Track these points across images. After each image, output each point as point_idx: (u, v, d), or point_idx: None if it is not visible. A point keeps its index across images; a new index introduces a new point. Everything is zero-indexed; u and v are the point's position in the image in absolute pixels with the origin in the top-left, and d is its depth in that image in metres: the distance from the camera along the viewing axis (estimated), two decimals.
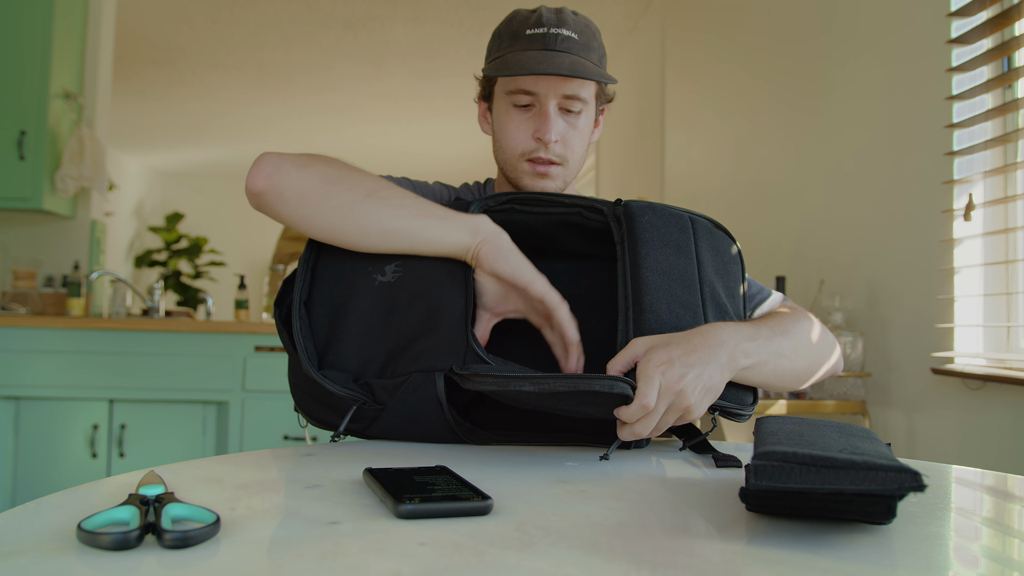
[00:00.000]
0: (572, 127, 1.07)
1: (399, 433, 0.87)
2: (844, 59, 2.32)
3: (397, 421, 0.85)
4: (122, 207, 8.02)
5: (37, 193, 3.20)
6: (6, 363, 2.96)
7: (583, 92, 1.06)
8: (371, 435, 0.88)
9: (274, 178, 0.87)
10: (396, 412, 0.84)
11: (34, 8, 3.22)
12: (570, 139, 1.07)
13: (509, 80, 1.06)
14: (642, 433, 0.77)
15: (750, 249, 2.99)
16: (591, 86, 1.09)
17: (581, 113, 1.08)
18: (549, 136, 1.04)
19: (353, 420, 0.85)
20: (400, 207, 0.85)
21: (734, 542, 0.54)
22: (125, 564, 0.46)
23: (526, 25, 1.05)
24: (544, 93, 1.04)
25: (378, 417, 0.85)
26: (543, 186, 1.07)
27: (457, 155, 7.86)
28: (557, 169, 1.07)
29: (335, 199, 0.85)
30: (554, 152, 1.06)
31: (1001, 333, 1.81)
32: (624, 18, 4.44)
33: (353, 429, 0.87)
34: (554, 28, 1.04)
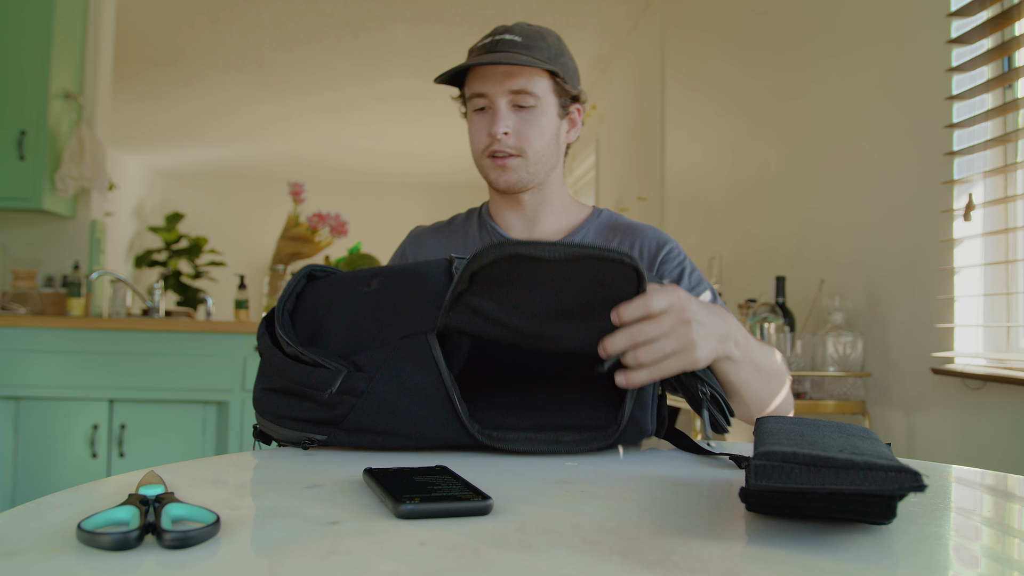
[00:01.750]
0: (525, 121, 1.16)
1: (389, 415, 0.79)
2: (844, 59, 2.32)
3: (388, 393, 0.78)
4: (122, 207, 8.02)
5: (37, 193, 3.20)
6: (6, 363, 2.96)
7: (531, 87, 1.15)
8: (357, 421, 0.79)
9: None
10: (387, 383, 0.78)
11: (34, 8, 3.22)
12: (524, 132, 1.16)
13: (468, 87, 1.18)
14: (641, 357, 0.76)
15: (750, 249, 2.99)
16: (541, 82, 1.16)
17: (535, 108, 1.16)
18: (496, 129, 1.14)
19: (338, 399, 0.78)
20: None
21: (734, 542, 0.54)
22: (125, 564, 0.46)
23: (479, 42, 1.19)
24: (492, 92, 1.15)
25: (367, 391, 0.78)
26: (505, 179, 1.17)
27: (457, 155, 7.86)
28: (515, 161, 1.17)
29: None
30: (507, 144, 1.16)
31: (1001, 333, 1.81)
32: (624, 18, 4.44)
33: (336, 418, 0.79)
34: (499, 35, 1.16)
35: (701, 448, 0.85)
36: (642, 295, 0.77)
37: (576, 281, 0.75)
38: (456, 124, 6.74)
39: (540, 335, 0.80)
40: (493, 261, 0.73)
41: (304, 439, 0.81)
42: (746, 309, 2.58)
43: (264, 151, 8.06)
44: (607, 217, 1.26)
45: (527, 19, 4.40)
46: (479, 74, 1.16)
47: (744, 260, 3.05)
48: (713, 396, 0.85)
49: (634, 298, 0.77)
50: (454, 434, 0.79)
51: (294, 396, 0.82)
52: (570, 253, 0.72)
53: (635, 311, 0.76)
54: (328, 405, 0.79)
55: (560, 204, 1.24)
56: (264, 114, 6.60)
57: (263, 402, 0.84)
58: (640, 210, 4.36)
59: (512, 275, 0.75)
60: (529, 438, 0.80)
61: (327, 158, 8.32)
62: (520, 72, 1.14)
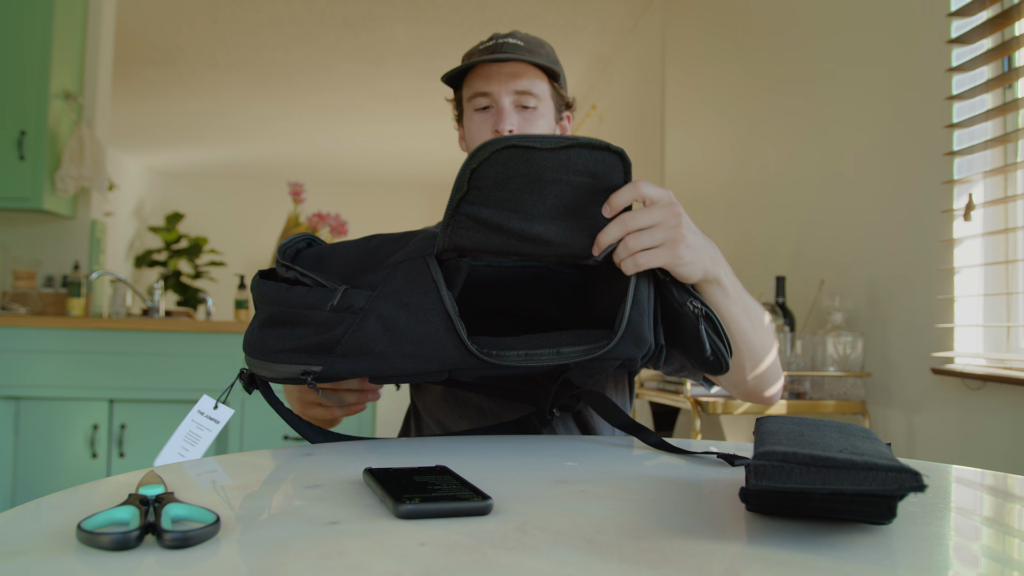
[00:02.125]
0: (528, 121, 1.17)
1: (388, 332, 0.77)
2: (844, 59, 2.32)
3: (387, 310, 0.78)
4: (122, 207, 8.02)
5: (37, 193, 3.20)
6: (6, 363, 2.96)
7: (534, 88, 1.17)
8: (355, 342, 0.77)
9: None
10: (385, 301, 0.78)
11: (34, 8, 3.22)
12: (526, 130, 1.17)
13: (469, 89, 1.19)
14: (630, 244, 0.78)
15: (750, 249, 2.99)
16: (543, 85, 1.19)
17: (536, 109, 1.18)
18: (504, 125, 1.14)
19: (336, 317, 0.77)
20: None
21: (734, 542, 0.54)
22: (125, 564, 0.46)
23: (479, 46, 1.20)
24: (496, 91, 1.16)
25: (366, 308, 0.77)
26: None
27: (457, 155, 7.86)
28: None
29: None
30: None
31: (1001, 333, 1.81)
32: (624, 18, 4.44)
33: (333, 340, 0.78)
34: (501, 39, 1.17)
35: (685, 450, 0.85)
36: (633, 182, 0.79)
37: (567, 172, 0.78)
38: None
39: (538, 238, 0.80)
40: (491, 154, 0.76)
41: (299, 372, 0.79)
42: None
43: (264, 151, 8.07)
44: None
45: (527, 19, 4.40)
46: (483, 74, 1.17)
47: (744, 260, 3.06)
48: (708, 316, 0.83)
49: (624, 185, 0.79)
50: (454, 353, 0.78)
51: (287, 324, 0.80)
52: (560, 142, 0.76)
53: (625, 195, 0.79)
54: (326, 325, 0.78)
55: None
56: (264, 114, 6.60)
57: (253, 342, 0.81)
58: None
59: (508, 173, 0.77)
60: (528, 354, 0.79)
61: (327, 158, 8.32)
62: (524, 73, 1.16)
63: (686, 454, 0.84)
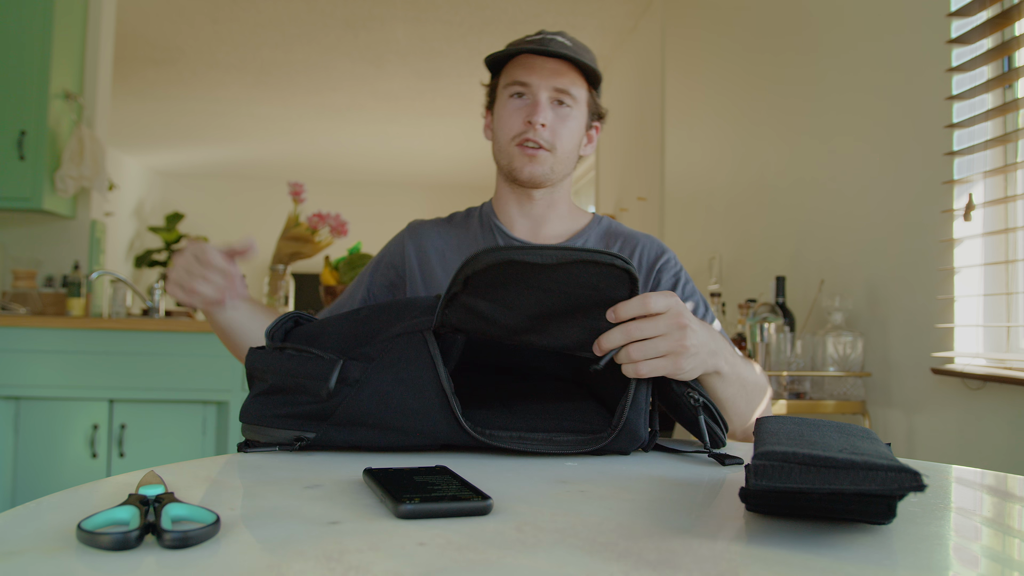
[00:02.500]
0: (561, 119, 1.17)
1: (382, 405, 0.78)
2: (844, 59, 2.32)
3: (383, 383, 0.78)
4: (122, 207, 8.02)
5: (37, 193, 3.20)
6: (6, 363, 2.96)
7: (574, 90, 1.17)
8: (350, 412, 0.78)
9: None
10: (382, 374, 0.78)
11: (34, 8, 3.22)
12: (559, 129, 1.17)
13: (508, 76, 1.18)
14: (633, 354, 0.78)
15: (750, 249, 2.99)
16: (582, 88, 1.19)
17: (572, 110, 1.18)
18: (537, 118, 1.14)
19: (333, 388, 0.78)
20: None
21: (734, 542, 0.54)
22: (125, 564, 0.46)
23: (524, 38, 1.20)
24: (537, 84, 1.16)
25: (362, 380, 0.78)
26: (530, 170, 1.17)
27: (457, 155, 7.86)
28: (545, 154, 1.17)
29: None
30: (542, 136, 1.16)
31: (1001, 333, 1.81)
32: (624, 18, 4.44)
33: (328, 409, 0.78)
34: (550, 35, 1.17)
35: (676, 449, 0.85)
36: (641, 295, 0.79)
37: (569, 284, 0.76)
38: (456, 124, 6.74)
39: (534, 330, 0.81)
40: (487, 267, 0.74)
41: (292, 438, 0.79)
42: (746, 309, 2.58)
43: (264, 151, 8.07)
44: (607, 224, 1.28)
45: (527, 19, 4.40)
46: (526, 64, 1.17)
47: (744, 260, 3.05)
48: (706, 405, 0.85)
49: (632, 297, 0.78)
50: (447, 429, 0.78)
51: (288, 392, 0.80)
52: (563, 257, 0.73)
53: (632, 309, 0.78)
54: (323, 396, 0.79)
55: (565, 209, 1.27)
56: (264, 114, 6.60)
57: (251, 410, 0.82)
58: (640, 210, 4.36)
59: (505, 278, 0.76)
60: (522, 437, 0.80)
61: (327, 158, 8.32)
62: (567, 72, 1.16)
63: (678, 453, 0.84)
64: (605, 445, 0.80)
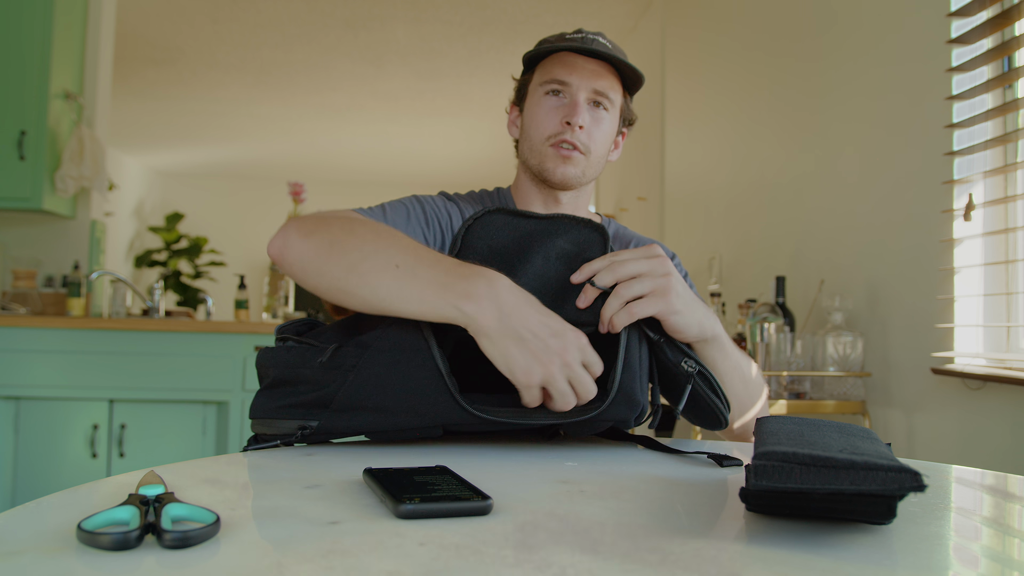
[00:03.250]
0: (597, 122, 1.14)
1: (380, 388, 0.79)
2: (844, 59, 2.32)
3: (379, 367, 0.79)
4: (122, 207, 8.02)
5: (37, 193, 3.20)
6: (6, 363, 2.96)
7: (611, 93, 1.14)
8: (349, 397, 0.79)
9: (282, 249, 0.90)
10: (377, 359, 0.80)
11: (34, 8, 3.22)
12: (594, 132, 1.14)
13: (545, 73, 1.14)
14: (623, 293, 0.83)
15: (750, 249, 2.99)
16: (618, 95, 1.16)
17: (608, 114, 1.15)
18: (577, 119, 1.11)
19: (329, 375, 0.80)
20: (378, 285, 0.82)
21: (734, 542, 0.54)
22: (125, 564, 0.46)
23: (562, 36, 1.16)
24: (577, 84, 1.12)
25: (358, 365, 0.79)
26: (563, 171, 1.14)
27: (457, 155, 7.86)
28: (580, 156, 1.14)
29: (327, 274, 0.86)
30: (579, 139, 1.13)
31: (1001, 333, 1.81)
32: (624, 18, 4.44)
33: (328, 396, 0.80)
34: (591, 35, 1.14)
35: (676, 450, 0.85)
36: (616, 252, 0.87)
37: (553, 247, 0.86)
38: (456, 124, 6.74)
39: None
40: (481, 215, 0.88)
41: (296, 428, 0.81)
42: (746, 309, 2.58)
43: (264, 151, 8.07)
44: (614, 229, 1.27)
45: (527, 19, 4.40)
46: (566, 62, 1.13)
47: (744, 260, 3.06)
48: (703, 374, 0.86)
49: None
50: (446, 408, 0.79)
51: (288, 384, 0.83)
52: (546, 216, 0.88)
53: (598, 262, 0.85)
54: (320, 382, 0.80)
55: (583, 214, 1.25)
56: (264, 114, 6.60)
57: (257, 404, 0.85)
58: (640, 210, 4.36)
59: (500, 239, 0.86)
60: (520, 412, 0.80)
61: (327, 158, 8.32)
62: (607, 75, 1.13)
63: (678, 454, 0.84)
64: (602, 410, 0.79)
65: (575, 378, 0.77)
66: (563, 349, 0.77)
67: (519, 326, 0.77)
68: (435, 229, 1.12)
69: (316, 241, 0.87)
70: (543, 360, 0.76)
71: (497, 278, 0.80)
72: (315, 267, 0.86)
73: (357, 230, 0.88)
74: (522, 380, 0.77)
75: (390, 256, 0.83)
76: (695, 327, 0.87)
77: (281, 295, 3.53)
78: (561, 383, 0.77)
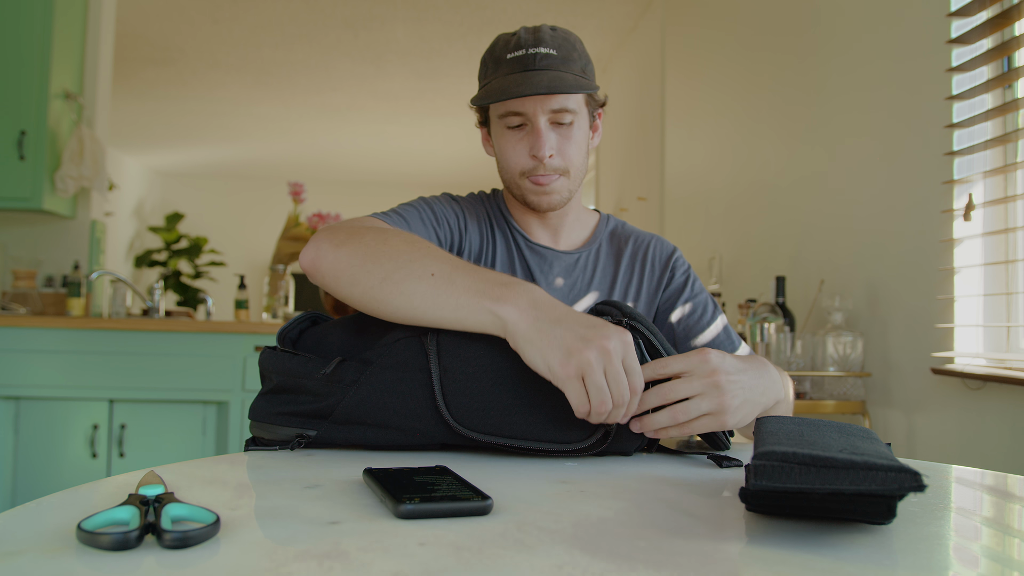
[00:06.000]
0: (566, 138, 1.11)
1: (379, 406, 0.80)
2: (844, 59, 2.32)
3: (380, 384, 0.80)
4: (122, 207, 8.02)
5: (37, 193, 3.20)
6: (6, 363, 2.96)
7: (570, 104, 1.10)
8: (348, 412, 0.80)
9: (315, 260, 0.90)
10: (379, 376, 0.80)
11: (34, 8, 3.22)
12: (566, 150, 1.12)
13: (500, 105, 1.11)
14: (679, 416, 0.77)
15: (750, 249, 3.00)
16: (578, 97, 1.12)
17: (573, 124, 1.12)
18: (543, 152, 1.09)
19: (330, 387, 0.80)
20: (413, 293, 0.82)
21: (734, 542, 0.54)
22: (125, 564, 0.46)
23: (507, 50, 1.11)
24: (532, 112, 1.08)
25: (359, 381, 0.80)
26: (548, 201, 1.13)
27: (457, 155, 7.86)
28: (559, 183, 1.13)
29: (361, 283, 0.85)
30: (552, 167, 1.11)
31: (1001, 333, 1.81)
32: (624, 18, 4.44)
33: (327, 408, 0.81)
34: (532, 48, 1.09)
35: (676, 450, 0.85)
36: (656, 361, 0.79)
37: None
38: (456, 124, 6.74)
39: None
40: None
41: (294, 435, 0.82)
42: (746, 309, 2.58)
43: (264, 151, 8.07)
44: (614, 225, 1.26)
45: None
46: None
47: (744, 260, 3.06)
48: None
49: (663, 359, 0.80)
50: (444, 432, 0.80)
51: (290, 392, 0.84)
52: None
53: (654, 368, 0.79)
54: (322, 394, 0.81)
55: (577, 210, 1.23)
56: (264, 114, 6.60)
57: (258, 407, 0.86)
58: (640, 210, 4.36)
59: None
60: (521, 439, 0.79)
61: (327, 158, 8.32)
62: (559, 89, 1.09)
63: (678, 454, 0.84)
64: (605, 447, 0.80)
65: (612, 374, 0.73)
66: (603, 337, 0.73)
67: (555, 321, 0.75)
68: (445, 228, 1.13)
69: (349, 251, 0.87)
70: (578, 347, 0.73)
71: (533, 286, 0.80)
72: (348, 277, 0.86)
73: (390, 240, 0.88)
74: (559, 372, 0.73)
75: (425, 265, 0.83)
76: (751, 418, 0.84)
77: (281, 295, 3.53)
78: (598, 374, 0.72)
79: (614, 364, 0.73)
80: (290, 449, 0.81)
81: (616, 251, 1.22)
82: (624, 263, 1.21)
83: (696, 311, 1.19)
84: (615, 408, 0.74)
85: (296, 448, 0.82)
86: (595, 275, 1.19)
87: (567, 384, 0.73)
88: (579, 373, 0.72)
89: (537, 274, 1.17)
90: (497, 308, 0.77)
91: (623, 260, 1.21)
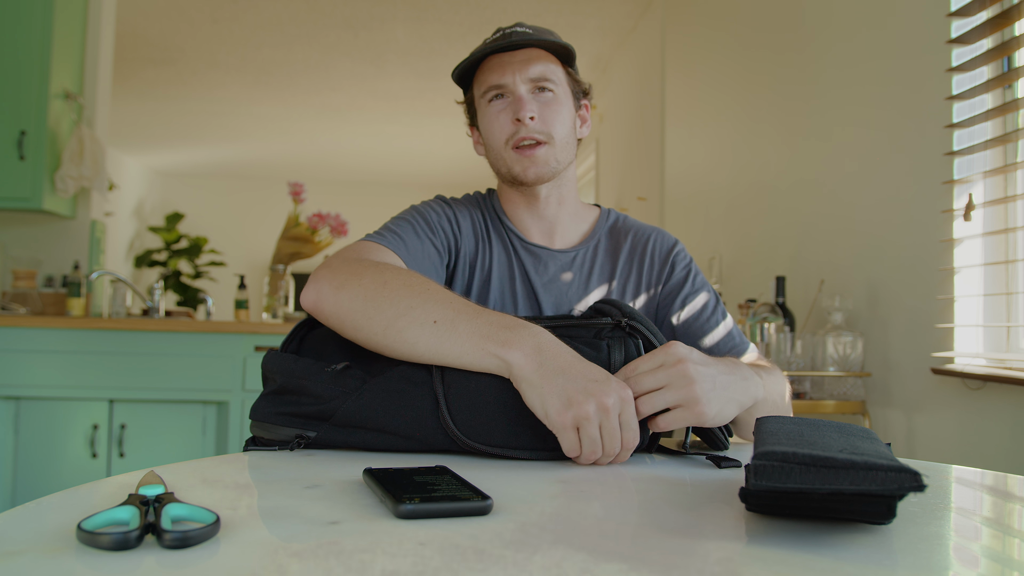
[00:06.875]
0: (547, 106, 1.13)
1: (380, 412, 0.81)
2: (844, 59, 2.32)
3: (383, 390, 0.81)
4: (122, 207, 8.02)
5: (37, 193, 3.20)
6: (6, 363, 2.96)
7: (549, 73, 1.13)
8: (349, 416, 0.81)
9: (316, 303, 0.90)
10: (382, 384, 0.82)
11: (34, 8, 3.22)
12: (547, 116, 1.12)
13: (482, 84, 1.14)
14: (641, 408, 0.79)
15: (750, 249, 3.00)
16: (558, 70, 1.14)
17: (555, 94, 1.13)
18: (524, 113, 1.10)
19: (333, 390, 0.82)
20: (416, 341, 0.83)
21: (734, 542, 0.54)
22: (125, 564, 0.46)
23: (484, 40, 1.16)
24: (511, 82, 1.11)
25: (362, 388, 0.81)
26: (535, 171, 1.12)
27: (457, 155, 7.86)
28: (543, 149, 1.12)
29: (364, 330, 0.86)
30: (535, 130, 1.11)
31: (1001, 333, 1.81)
32: (624, 18, 4.44)
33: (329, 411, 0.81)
34: (508, 29, 1.14)
35: (675, 450, 0.85)
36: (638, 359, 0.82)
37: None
38: (456, 124, 6.74)
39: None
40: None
41: (294, 436, 0.82)
42: (746, 309, 2.58)
43: (264, 151, 8.07)
44: (614, 220, 1.24)
45: (527, 20, 4.40)
46: (495, 65, 1.12)
47: (744, 260, 3.06)
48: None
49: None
50: (444, 440, 0.80)
51: (293, 393, 0.84)
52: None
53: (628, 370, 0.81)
54: (324, 396, 0.82)
55: (574, 205, 1.22)
56: (264, 114, 6.60)
57: (259, 407, 0.86)
58: (640, 210, 4.36)
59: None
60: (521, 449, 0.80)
61: (327, 158, 8.32)
62: (538, 58, 1.12)
63: (677, 454, 0.84)
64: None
65: (608, 429, 0.74)
66: (603, 393, 0.75)
67: (558, 370, 0.77)
68: (441, 236, 1.12)
69: (349, 295, 0.88)
70: (578, 400, 0.74)
71: (540, 330, 0.81)
72: (352, 322, 0.87)
73: (390, 283, 0.88)
74: (556, 420, 0.75)
75: (427, 311, 0.84)
76: (732, 413, 0.84)
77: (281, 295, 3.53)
78: (593, 428, 0.74)
79: (611, 421, 0.75)
80: (289, 449, 0.82)
81: (615, 246, 1.20)
82: (623, 258, 1.18)
83: (698, 306, 1.17)
84: (604, 456, 0.77)
85: (295, 448, 0.82)
86: (593, 272, 1.17)
87: (562, 432, 0.75)
88: (575, 424, 0.75)
89: (532, 273, 1.15)
90: (503, 352, 0.79)
91: (621, 255, 1.18)
